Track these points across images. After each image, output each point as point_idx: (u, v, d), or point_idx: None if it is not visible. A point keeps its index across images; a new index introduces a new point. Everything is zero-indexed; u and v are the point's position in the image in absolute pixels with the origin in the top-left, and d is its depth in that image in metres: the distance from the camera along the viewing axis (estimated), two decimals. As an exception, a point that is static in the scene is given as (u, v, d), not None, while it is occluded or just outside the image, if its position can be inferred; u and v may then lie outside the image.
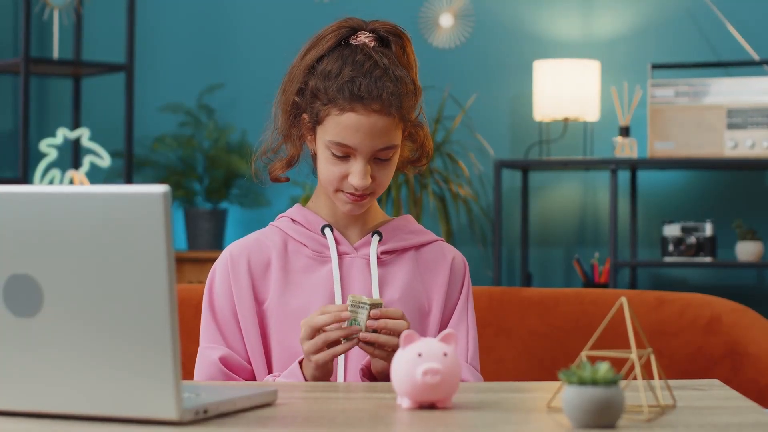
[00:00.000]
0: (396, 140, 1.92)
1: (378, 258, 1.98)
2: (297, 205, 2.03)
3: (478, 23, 5.21)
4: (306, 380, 1.84)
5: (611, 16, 5.08)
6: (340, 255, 1.97)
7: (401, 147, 1.96)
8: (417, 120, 1.98)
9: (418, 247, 2.02)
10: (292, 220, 2.01)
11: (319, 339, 1.78)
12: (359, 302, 1.77)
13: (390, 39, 1.96)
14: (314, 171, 2.01)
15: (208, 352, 1.96)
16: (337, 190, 1.94)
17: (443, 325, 2.00)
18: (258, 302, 1.97)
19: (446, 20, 5.23)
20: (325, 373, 1.82)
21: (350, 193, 1.93)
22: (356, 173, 1.90)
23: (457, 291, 2.02)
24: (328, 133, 1.90)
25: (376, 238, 1.99)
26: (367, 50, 1.92)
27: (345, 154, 1.90)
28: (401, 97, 1.90)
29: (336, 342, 1.78)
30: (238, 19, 5.48)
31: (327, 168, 1.93)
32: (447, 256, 2.03)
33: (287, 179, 2.04)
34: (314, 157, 1.99)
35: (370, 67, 1.90)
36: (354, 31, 1.96)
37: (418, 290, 1.98)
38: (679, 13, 5.00)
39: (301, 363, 1.86)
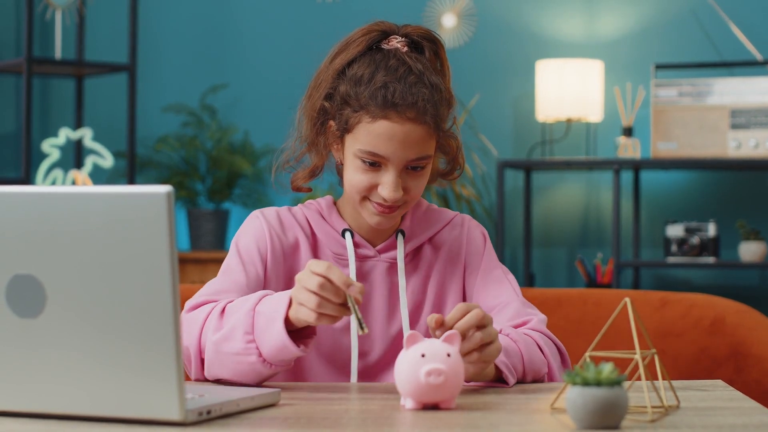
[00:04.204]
0: (430, 150, 1.82)
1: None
2: (329, 199, 1.96)
3: (480, 23, 5.21)
4: (287, 317, 1.64)
5: (614, 16, 5.07)
6: (361, 258, 1.92)
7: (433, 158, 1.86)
8: (450, 131, 1.89)
9: (433, 236, 1.96)
10: (321, 215, 1.94)
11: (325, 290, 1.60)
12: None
13: (423, 44, 1.86)
14: (340, 182, 1.92)
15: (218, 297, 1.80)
16: (365, 199, 1.85)
17: (469, 294, 1.94)
18: (289, 275, 1.89)
19: (449, 20, 5.23)
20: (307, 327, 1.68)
21: (378, 204, 1.84)
22: (387, 185, 1.81)
23: (477, 266, 1.95)
24: (359, 142, 1.80)
25: (401, 239, 1.93)
26: (399, 55, 1.83)
27: (376, 163, 1.81)
28: (437, 104, 1.81)
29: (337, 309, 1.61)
30: (240, 19, 5.48)
31: (355, 176, 1.83)
32: (462, 239, 1.96)
33: (309, 190, 1.95)
34: (340, 167, 1.90)
35: (405, 72, 1.80)
36: (385, 35, 1.86)
37: (437, 286, 1.94)
38: (683, 13, 4.99)
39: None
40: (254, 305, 1.68)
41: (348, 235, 1.92)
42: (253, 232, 1.90)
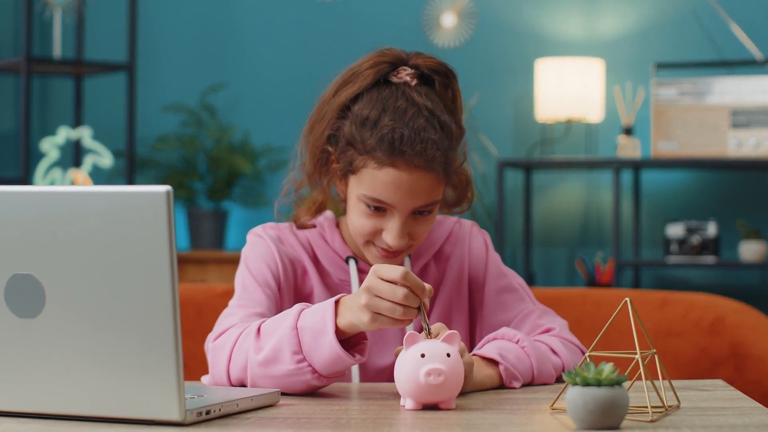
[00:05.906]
0: (438, 195, 1.76)
1: None
2: (332, 219, 1.90)
3: (481, 22, 5.21)
4: (336, 327, 1.58)
5: (615, 15, 5.07)
6: None
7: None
8: (460, 167, 1.82)
9: (436, 251, 1.91)
10: (324, 238, 1.88)
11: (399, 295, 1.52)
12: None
13: (434, 78, 1.79)
14: (344, 209, 1.85)
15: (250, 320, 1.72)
16: (368, 243, 1.79)
17: (477, 308, 1.89)
18: (297, 292, 1.85)
19: (449, 19, 5.22)
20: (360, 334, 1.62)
21: (382, 249, 1.77)
22: (392, 231, 1.74)
23: (482, 283, 1.90)
24: (364, 187, 1.73)
25: (407, 261, 1.87)
26: (408, 93, 1.75)
27: (381, 208, 1.74)
28: (446, 149, 1.73)
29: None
30: (240, 18, 5.48)
31: (359, 220, 1.77)
32: (464, 253, 1.91)
33: (314, 226, 1.89)
34: (343, 200, 1.83)
35: (413, 115, 1.72)
36: (394, 66, 1.78)
37: (443, 304, 1.90)
38: (683, 13, 4.99)
39: (337, 304, 1.60)
40: (295, 322, 1.60)
41: (352, 263, 1.86)
42: (261, 254, 1.84)
